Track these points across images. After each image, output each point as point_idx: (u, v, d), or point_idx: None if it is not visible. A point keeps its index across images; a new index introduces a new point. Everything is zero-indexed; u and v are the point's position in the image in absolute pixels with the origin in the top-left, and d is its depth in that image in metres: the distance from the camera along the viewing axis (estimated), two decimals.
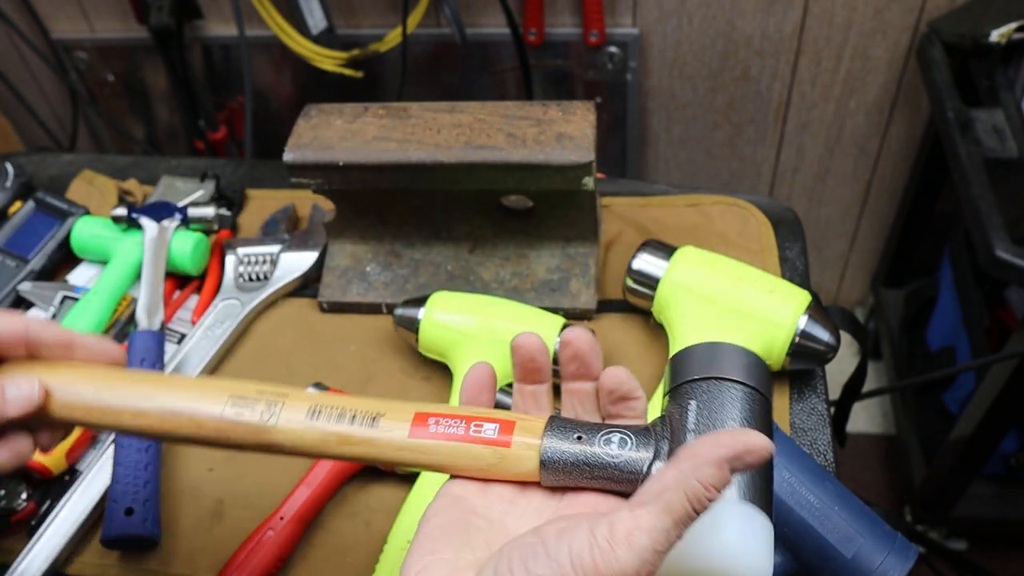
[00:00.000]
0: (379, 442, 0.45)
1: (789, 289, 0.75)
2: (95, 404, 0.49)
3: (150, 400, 0.48)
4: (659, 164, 1.71)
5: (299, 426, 0.46)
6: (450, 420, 0.45)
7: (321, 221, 0.91)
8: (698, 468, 0.36)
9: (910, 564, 0.60)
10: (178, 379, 0.50)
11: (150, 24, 1.52)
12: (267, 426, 0.46)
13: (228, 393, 0.47)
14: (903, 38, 1.43)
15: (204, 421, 0.47)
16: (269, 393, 0.47)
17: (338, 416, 0.46)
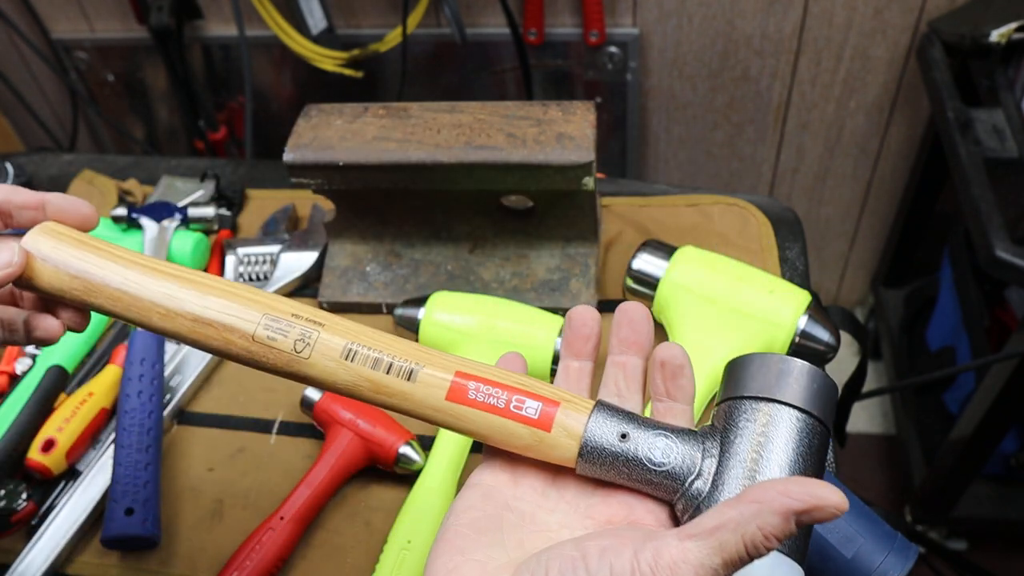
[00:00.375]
0: (414, 398, 0.43)
1: (789, 289, 0.75)
2: (122, 293, 0.46)
3: (179, 302, 0.45)
4: (659, 164, 1.71)
5: (332, 365, 0.44)
6: (491, 389, 0.43)
7: (321, 221, 0.91)
8: (762, 514, 0.34)
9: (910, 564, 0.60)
10: (209, 281, 0.47)
11: (150, 24, 1.52)
12: (299, 358, 0.44)
13: (263, 310, 0.45)
14: (903, 38, 1.43)
15: (234, 339, 0.45)
16: (304, 320, 0.45)
17: (374, 363, 0.44)
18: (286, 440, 0.79)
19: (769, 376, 0.41)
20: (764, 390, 0.41)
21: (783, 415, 0.40)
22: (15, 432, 0.74)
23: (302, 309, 0.45)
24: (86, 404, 0.78)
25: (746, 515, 0.34)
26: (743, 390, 0.42)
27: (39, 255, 0.47)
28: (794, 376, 0.41)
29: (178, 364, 0.84)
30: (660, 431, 0.42)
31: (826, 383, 0.42)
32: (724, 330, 0.73)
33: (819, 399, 0.41)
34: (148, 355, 0.80)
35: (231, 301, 0.45)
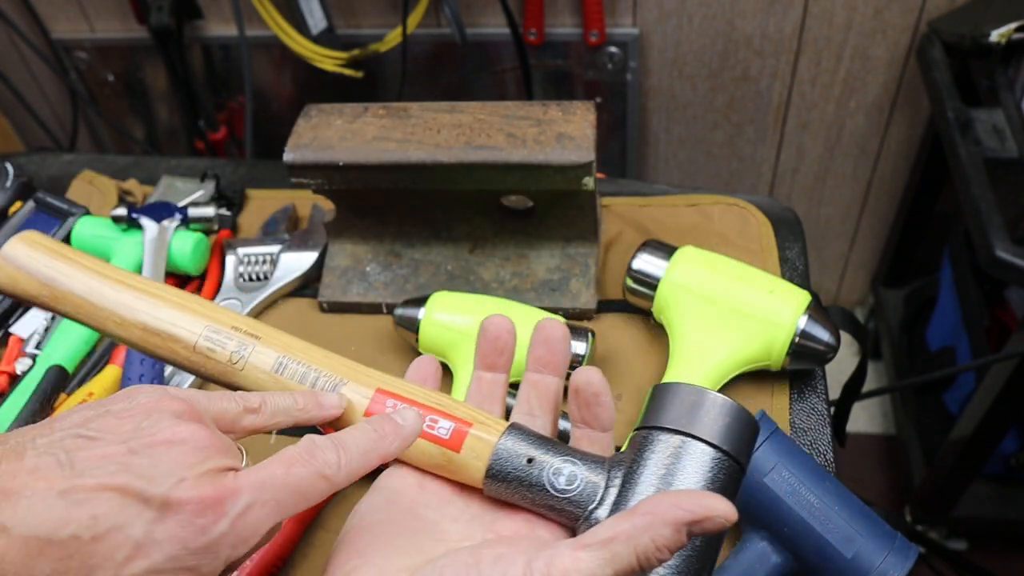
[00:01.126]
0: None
1: (789, 289, 0.75)
2: (84, 301, 0.50)
3: (133, 312, 0.49)
4: (659, 164, 1.71)
5: (263, 376, 0.47)
6: (407, 406, 0.46)
7: (321, 221, 0.91)
8: (654, 526, 0.34)
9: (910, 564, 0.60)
10: (163, 293, 0.50)
11: (150, 24, 1.52)
12: (233, 369, 0.48)
13: (205, 322, 0.48)
14: (903, 38, 1.43)
15: (178, 349, 0.48)
16: (243, 332, 0.48)
17: (301, 377, 0.47)
18: (286, 440, 0.79)
19: (682, 408, 0.40)
20: (675, 421, 0.40)
21: (691, 449, 0.39)
22: None
23: (243, 322, 0.49)
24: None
25: (639, 527, 0.34)
26: (656, 420, 0.41)
27: (15, 262, 0.51)
28: (710, 409, 0.40)
29: None
30: (568, 457, 0.42)
31: (741, 418, 0.40)
32: (724, 330, 0.73)
33: (734, 435, 0.40)
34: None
35: (179, 312, 0.49)
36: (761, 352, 0.73)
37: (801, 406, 0.76)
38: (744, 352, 0.73)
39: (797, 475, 0.63)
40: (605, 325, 0.84)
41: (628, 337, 0.83)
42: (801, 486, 0.63)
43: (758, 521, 0.64)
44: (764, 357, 0.73)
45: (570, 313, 0.84)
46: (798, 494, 0.63)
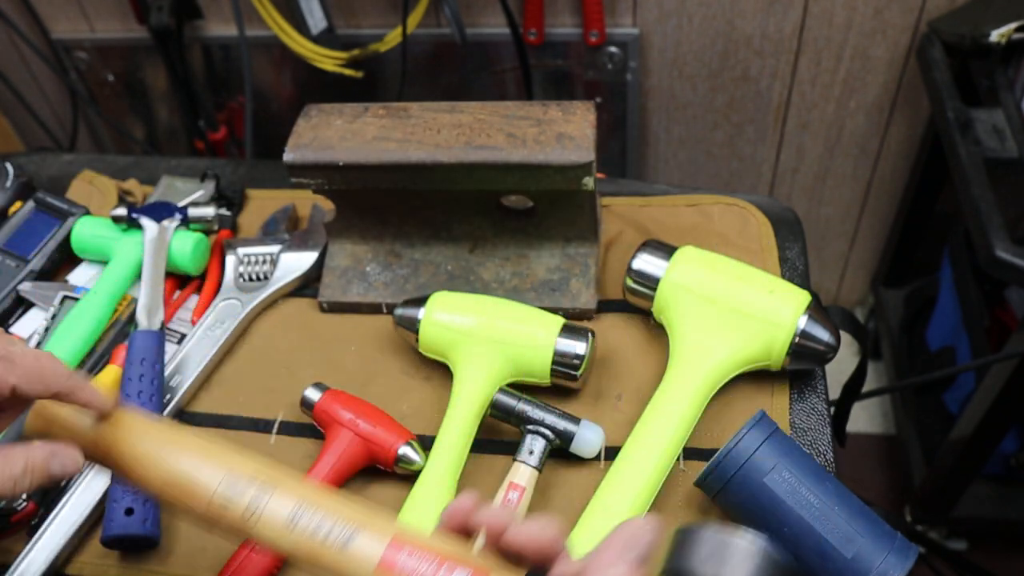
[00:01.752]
0: (346, 570, 0.45)
1: (789, 289, 0.75)
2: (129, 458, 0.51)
3: (155, 469, 0.49)
4: (659, 164, 1.71)
5: (276, 535, 0.47)
6: (422, 557, 0.44)
7: (321, 221, 0.91)
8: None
9: (910, 564, 0.60)
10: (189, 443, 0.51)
11: (150, 24, 1.52)
12: (247, 525, 0.47)
13: (219, 480, 0.48)
14: (903, 38, 1.43)
15: (195, 505, 0.48)
16: (260, 483, 0.48)
17: (315, 528, 0.46)
18: (286, 440, 0.79)
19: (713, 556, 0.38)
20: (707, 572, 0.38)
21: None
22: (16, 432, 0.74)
23: (264, 469, 0.49)
24: None
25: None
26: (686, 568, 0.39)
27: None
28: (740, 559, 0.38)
29: (178, 364, 0.84)
30: None
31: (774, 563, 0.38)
32: (724, 330, 0.73)
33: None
34: (148, 355, 0.80)
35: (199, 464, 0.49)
36: (761, 352, 0.73)
37: (801, 406, 0.76)
38: (744, 352, 0.73)
39: (797, 475, 0.63)
40: (605, 325, 0.84)
41: (628, 337, 0.83)
42: (801, 486, 0.63)
43: (758, 521, 0.64)
44: (764, 357, 0.73)
45: (570, 313, 0.84)
46: (798, 494, 0.63)
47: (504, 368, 0.76)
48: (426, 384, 0.82)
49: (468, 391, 0.75)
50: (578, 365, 0.75)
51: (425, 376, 0.82)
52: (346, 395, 0.77)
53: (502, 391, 0.74)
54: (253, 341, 0.87)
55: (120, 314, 0.88)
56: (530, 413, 0.73)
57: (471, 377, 0.75)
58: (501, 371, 0.76)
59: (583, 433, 0.72)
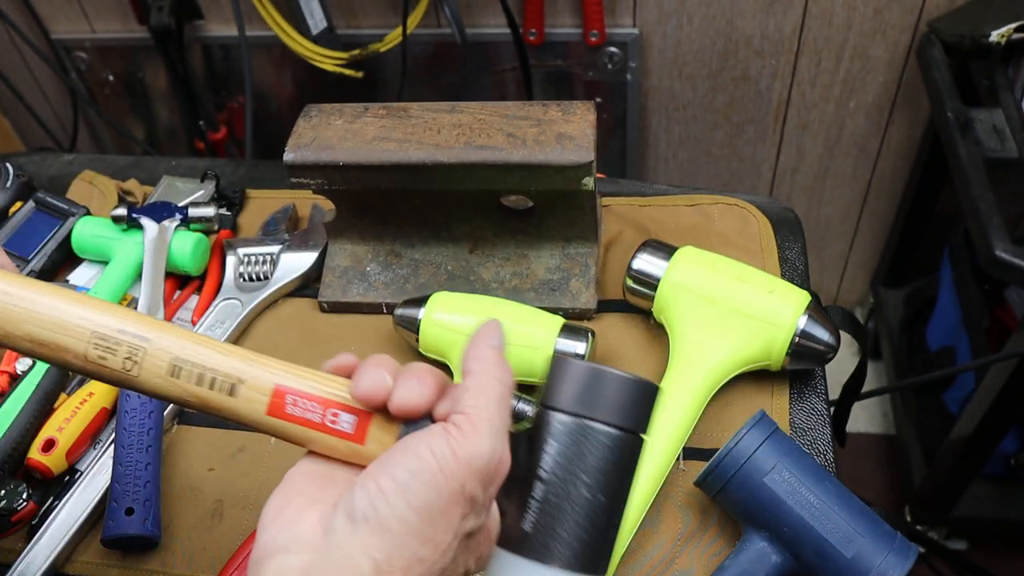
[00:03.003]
0: (238, 412, 0.46)
1: (789, 289, 0.75)
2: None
3: (17, 324, 0.46)
4: (659, 164, 1.71)
5: (160, 381, 0.46)
6: (308, 403, 0.45)
7: (321, 221, 0.91)
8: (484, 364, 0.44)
9: (910, 564, 0.60)
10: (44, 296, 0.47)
11: (150, 24, 1.52)
12: (130, 376, 0.46)
13: (91, 330, 0.46)
14: (903, 38, 1.43)
15: (70, 359, 0.46)
16: (131, 336, 0.46)
17: (198, 379, 0.46)
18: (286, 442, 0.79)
19: (582, 389, 0.42)
20: (575, 405, 0.42)
21: (592, 433, 0.41)
22: (15, 432, 0.74)
23: (129, 321, 0.46)
24: (86, 404, 0.78)
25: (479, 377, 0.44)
26: (557, 399, 0.43)
27: None
28: (607, 389, 0.42)
29: None
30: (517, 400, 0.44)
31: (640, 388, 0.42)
32: (724, 330, 0.73)
33: (631, 410, 0.41)
34: None
35: (63, 317, 0.46)
36: (761, 352, 0.73)
37: (801, 406, 0.76)
38: (744, 352, 0.73)
39: (797, 475, 0.63)
40: (605, 325, 0.84)
41: (628, 337, 0.83)
42: (801, 486, 0.63)
43: (758, 521, 0.64)
44: (764, 357, 0.73)
45: (570, 313, 0.84)
46: (798, 494, 0.63)
47: None
48: None
49: None
50: None
51: None
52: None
53: None
54: (253, 341, 0.87)
55: None
56: (530, 413, 0.73)
57: None
58: None
59: None
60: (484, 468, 0.40)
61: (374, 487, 0.39)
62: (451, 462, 0.39)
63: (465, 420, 0.41)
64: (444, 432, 0.40)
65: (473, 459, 0.40)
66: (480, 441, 0.40)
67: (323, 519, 0.40)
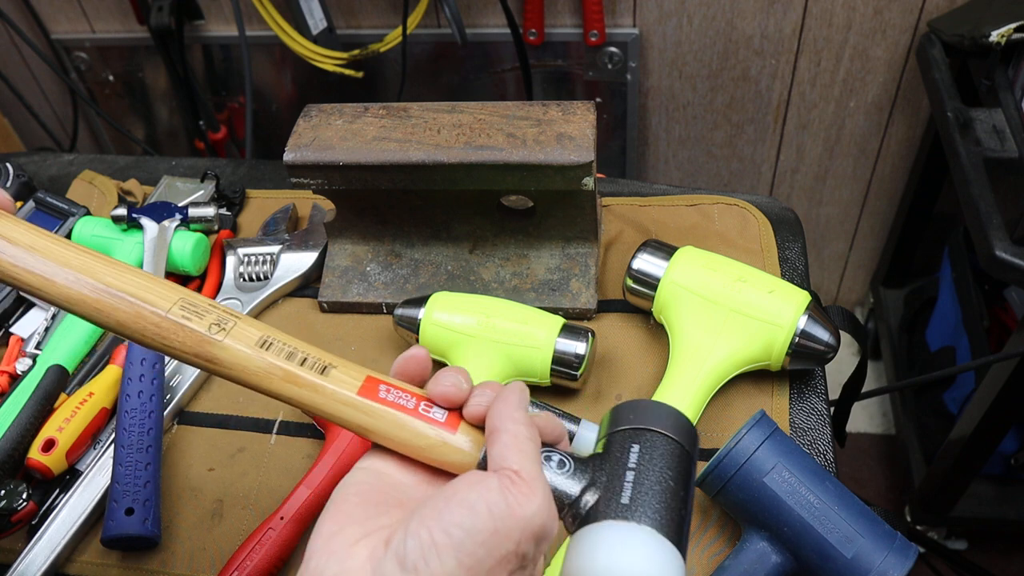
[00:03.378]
0: (325, 391, 0.44)
1: (789, 289, 0.75)
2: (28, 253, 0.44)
3: (92, 271, 0.44)
4: (659, 164, 1.71)
5: (246, 350, 0.43)
6: (400, 392, 0.45)
7: (321, 221, 0.91)
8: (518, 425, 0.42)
9: (910, 564, 0.60)
10: (130, 268, 0.46)
11: (150, 24, 1.52)
12: (212, 339, 0.43)
13: (179, 295, 0.44)
14: (903, 38, 1.43)
15: (146, 313, 0.43)
16: (221, 310, 0.45)
17: (288, 355, 0.44)
18: (286, 440, 0.79)
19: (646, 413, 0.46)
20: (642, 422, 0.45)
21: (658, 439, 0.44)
22: (15, 432, 0.74)
23: (220, 305, 0.46)
24: (86, 404, 0.78)
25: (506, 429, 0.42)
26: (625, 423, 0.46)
27: None
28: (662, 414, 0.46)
29: (178, 364, 0.84)
30: (555, 450, 0.45)
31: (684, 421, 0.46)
32: (724, 330, 0.74)
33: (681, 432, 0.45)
34: (148, 355, 0.80)
35: (148, 281, 0.45)
36: (761, 352, 0.73)
37: (801, 406, 0.76)
38: (744, 352, 0.73)
39: (797, 475, 0.63)
40: (605, 325, 0.84)
41: (628, 337, 0.83)
42: (801, 486, 0.63)
43: (758, 521, 0.64)
44: (764, 357, 0.74)
45: (570, 313, 0.84)
46: (798, 494, 0.63)
47: (504, 368, 0.76)
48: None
49: None
50: (578, 365, 0.75)
51: None
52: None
53: None
54: None
55: None
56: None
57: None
58: (501, 371, 0.76)
59: (583, 433, 0.72)
60: (540, 527, 0.40)
61: (427, 538, 0.38)
62: (508, 521, 0.39)
63: (519, 478, 0.40)
64: (502, 488, 0.40)
65: (531, 519, 0.40)
66: (538, 500, 0.40)
67: (373, 557, 0.40)
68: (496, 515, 0.39)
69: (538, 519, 0.40)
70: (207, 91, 1.73)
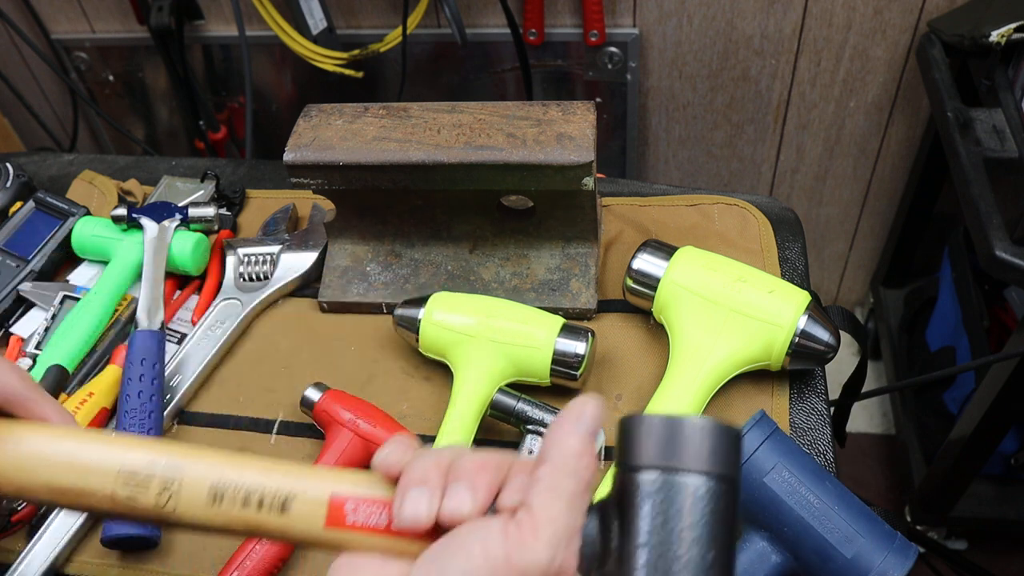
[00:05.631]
0: (291, 531, 0.42)
1: (789, 289, 0.75)
2: None
3: (32, 473, 0.43)
4: (659, 164, 1.71)
5: (201, 513, 0.42)
6: (370, 507, 0.41)
7: (321, 221, 0.91)
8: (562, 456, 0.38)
9: (910, 564, 0.60)
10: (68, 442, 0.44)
11: (150, 24, 1.52)
12: (165, 513, 0.42)
13: (116, 469, 0.42)
14: (903, 38, 1.43)
15: (96, 502, 0.42)
16: (163, 467, 0.42)
17: (243, 502, 0.41)
18: (286, 440, 0.79)
19: (662, 439, 0.37)
20: (659, 457, 0.36)
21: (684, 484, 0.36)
22: None
23: (162, 455, 0.43)
24: (86, 404, 0.78)
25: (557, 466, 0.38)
26: (638, 456, 0.37)
27: None
28: (690, 435, 0.36)
29: (178, 364, 0.84)
30: None
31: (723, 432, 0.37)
32: (724, 330, 0.74)
33: (719, 453, 0.36)
34: (148, 355, 0.80)
35: (85, 461, 0.43)
36: (761, 352, 0.73)
37: (801, 406, 0.76)
38: (744, 352, 0.73)
39: (797, 475, 0.63)
40: (605, 325, 0.84)
41: (628, 337, 0.83)
42: (801, 486, 0.63)
43: (758, 521, 0.64)
44: (764, 357, 0.74)
45: (570, 313, 0.84)
46: (798, 494, 0.63)
47: (504, 368, 0.76)
48: (426, 384, 0.82)
49: (468, 391, 0.75)
50: (578, 365, 0.75)
51: (425, 376, 0.82)
52: (346, 395, 0.77)
53: (502, 391, 0.74)
54: (253, 341, 0.87)
55: (120, 314, 0.89)
56: (530, 413, 0.73)
57: (471, 377, 0.75)
58: (501, 371, 0.76)
59: None
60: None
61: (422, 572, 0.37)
62: (502, 570, 0.36)
63: (528, 520, 0.37)
64: (503, 532, 0.37)
65: (528, 568, 0.36)
66: (539, 548, 0.36)
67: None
68: (491, 560, 0.36)
69: (535, 570, 0.36)
70: (207, 91, 1.73)
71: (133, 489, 0.42)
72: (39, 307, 0.90)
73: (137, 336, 0.81)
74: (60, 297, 0.89)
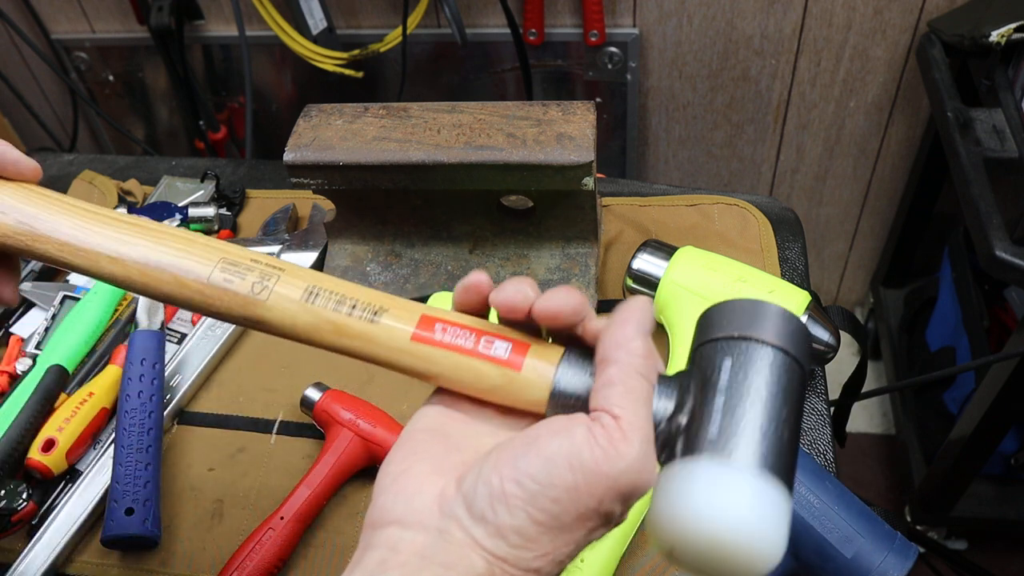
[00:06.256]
0: (377, 340, 0.41)
1: (789, 289, 0.75)
2: (71, 241, 0.44)
3: (131, 246, 0.44)
4: (659, 164, 1.71)
5: (292, 306, 0.42)
6: (458, 329, 0.41)
7: (321, 221, 0.91)
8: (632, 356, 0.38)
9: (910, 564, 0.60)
10: (165, 230, 0.45)
11: (150, 24, 1.52)
12: (256, 300, 0.42)
13: (220, 255, 0.43)
14: (903, 38, 1.43)
15: (188, 281, 0.43)
16: (264, 264, 0.43)
17: (336, 303, 0.42)
18: (286, 440, 0.79)
19: (744, 316, 0.39)
20: (739, 329, 0.39)
21: (759, 351, 0.38)
22: (15, 432, 0.74)
23: (262, 257, 0.44)
24: (86, 404, 0.78)
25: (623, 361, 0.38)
26: (718, 331, 0.39)
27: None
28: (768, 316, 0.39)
29: (178, 364, 0.84)
30: None
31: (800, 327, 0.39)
32: None
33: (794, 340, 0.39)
34: (148, 355, 0.80)
35: (186, 247, 0.44)
36: None
37: None
38: None
39: (797, 475, 0.63)
40: None
41: None
42: (801, 486, 0.63)
43: None
44: None
45: None
46: (798, 494, 0.63)
47: None
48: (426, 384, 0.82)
49: None
50: None
51: None
52: (346, 395, 0.77)
53: None
54: (253, 341, 0.87)
55: (120, 314, 0.89)
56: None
57: None
58: None
59: None
60: (630, 486, 0.35)
61: (498, 487, 0.35)
62: (591, 477, 0.35)
63: (615, 426, 0.36)
64: (589, 439, 0.35)
65: (620, 476, 0.35)
66: (632, 455, 0.35)
67: (443, 497, 0.37)
68: (577, 470, 0.35)
69: (627, 478, 0.35)
70: (207, 91, 1.73)
71: (231, 274, 0.42)
72: (39, 307, 0.90)
73: (137, 336, 0.81)
74: (60, 297, 0.89)
